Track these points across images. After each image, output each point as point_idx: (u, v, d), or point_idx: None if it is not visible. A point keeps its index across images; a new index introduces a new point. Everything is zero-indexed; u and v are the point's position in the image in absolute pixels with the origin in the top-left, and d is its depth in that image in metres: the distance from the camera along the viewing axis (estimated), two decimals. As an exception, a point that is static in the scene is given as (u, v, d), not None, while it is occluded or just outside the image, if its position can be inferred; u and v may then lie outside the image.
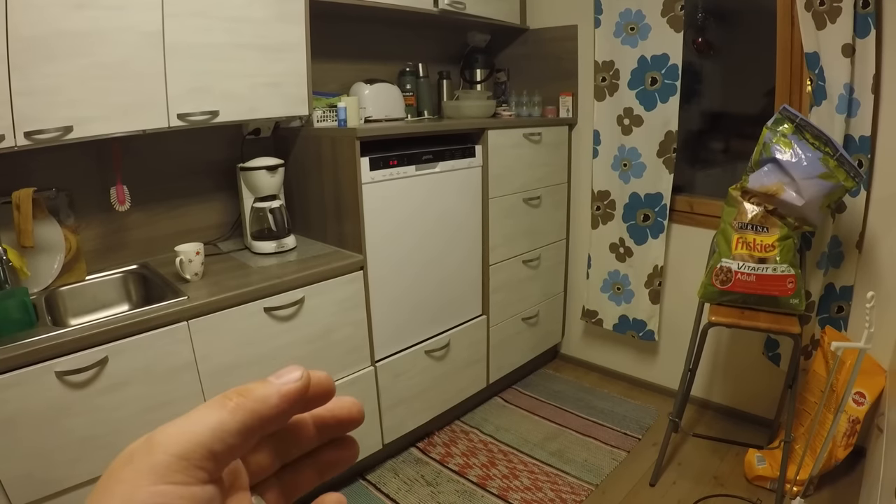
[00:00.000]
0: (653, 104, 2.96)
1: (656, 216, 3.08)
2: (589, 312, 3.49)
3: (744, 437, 2.87)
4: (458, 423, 3.09)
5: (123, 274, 2.25)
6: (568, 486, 2.60)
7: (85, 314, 2.08)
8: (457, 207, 2.81)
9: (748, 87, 3.07)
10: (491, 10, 3.15)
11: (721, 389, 3.14)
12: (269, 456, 0.34)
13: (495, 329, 3.16)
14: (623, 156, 3.13)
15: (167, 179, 2.46)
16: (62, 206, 2.10)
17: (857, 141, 2.41)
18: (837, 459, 2.40)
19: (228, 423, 0.28)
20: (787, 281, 2.28)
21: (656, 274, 3.15)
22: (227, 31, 2.11)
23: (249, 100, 2.23)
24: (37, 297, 1.94)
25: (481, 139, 2.85)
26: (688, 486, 2.58)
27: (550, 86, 3.43)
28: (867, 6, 2.27)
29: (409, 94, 3.13)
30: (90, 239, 2.26)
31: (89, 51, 1.79)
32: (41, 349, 1.61)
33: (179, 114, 2.03)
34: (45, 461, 1.65)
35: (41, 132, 1.72)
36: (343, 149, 2.37)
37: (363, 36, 3.06)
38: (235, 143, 2.62)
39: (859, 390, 2.36)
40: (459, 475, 2.68)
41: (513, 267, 3.19)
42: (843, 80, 2.35)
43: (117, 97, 1.87)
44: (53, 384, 1.64)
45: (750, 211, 2.36)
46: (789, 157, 2.24)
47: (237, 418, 0.28)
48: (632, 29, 2.95)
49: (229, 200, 2.66)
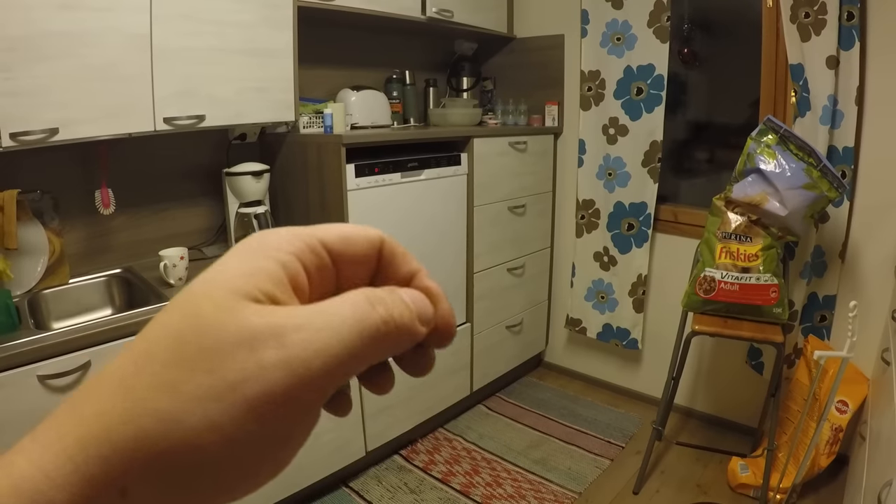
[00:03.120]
0: (638, 114, 2.98)
1: (641, 225, 3.10)
2: (573, 321, 3.50)
3: (727, 446, 2.88)
4: (442, 431, 3.08)
5: (107, 278, 2.22)
6: (551, 493, 2.59)
7: (68, 318, 2.05)
8: (442, 215, 2.81)
9: (733, 97, 3.10)
10: (478, 19, 3.16)
11: (704, 398, 3.16)
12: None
13: (479, 337, 3.15)
14: (608, 165, 3.14)
15: (152, 183, 2.45)
16: (46, 209, 2.08)
17: (841, 152, 2.44)
18: (820, 467, 2.41)
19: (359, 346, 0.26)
20: (771, 290, 2.29)
21: (640, 283, 3.16)
22: (214, 36, 2.10)
23: (236, 104, 2.22)
24: (20, 299, 1.91)
25: (467, 147, 2.86)
26: (671, 494, 2.59)
27: (536, 95, 3.44)
28: (852, 19, 2.30)
29: (395, 101, 3.13)
30: (74, 242, 2.24)
31: (76, 52, 1.77)
32: (23, 352, 1.58)
33: (166, 117, 2.02)
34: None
35: (27, 134, 1.70)
36: (329, 155, 2.37)
37: (350, 42, 3.06)
38: (221, 147, 2.60)
39: (842, 399, 2.37)
40: (443, 483, 2.67)
41: (497, 275, 3.19)
42: (827, 92, 2.38)
43: (104, 99, 1.85)
44: (36, 388, 1.61)
45: (734, 221, 2.38)
46: (773, 167, 2.26)
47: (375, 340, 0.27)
48: (618, 39, 2.97)
49: (214, 205, 2.64)
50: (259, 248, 0.27)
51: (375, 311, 0.26)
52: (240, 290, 0.24)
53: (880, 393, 2.05)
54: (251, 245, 0.27)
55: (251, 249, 0.27)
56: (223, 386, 0.22)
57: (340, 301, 0.26)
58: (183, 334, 0.23)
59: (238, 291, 0.24)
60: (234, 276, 0.25)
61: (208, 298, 0.24)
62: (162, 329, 0.23)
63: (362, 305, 0.26)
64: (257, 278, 0.25)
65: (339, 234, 0.29)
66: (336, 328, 0.25)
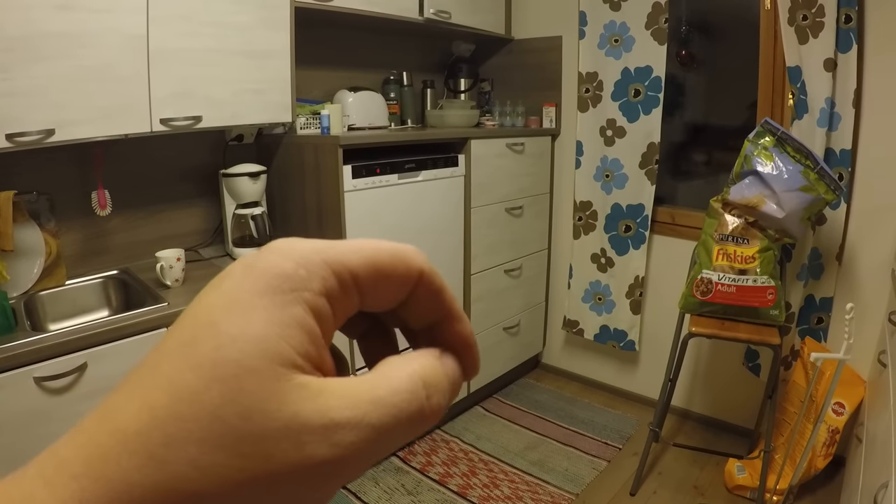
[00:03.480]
0: (636, 116, 2.98)
1: (638, 227, 3.10)
2: (570, 322, 3.49)
3: (724, 447, 2.88)
4: (439, 433, 3.08)
5: (104, 279, 2.22)
6: (548, 495, 2.59)
7: (64, 319, 2.05)
8: (439, 216, 2.81)
9: (730, 99, 3.10)
10: (476, 20, 3.16)
11: (701, 399, 3.16)
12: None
13: (476, 338, 3.13)
14: (605, 167, 3.14)
15: (149, 184, 2.44)
16: (43, 210, 2.08)
17: (838, 154, 2.44)
18: (817, 469, 2.41)
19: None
20: (768, 292, 2.29)
21: (637, 284, 3.17)
22: (211, 37, 2.09)
23: (233, 106, 2.22)
24: (16, 301, 1.91)
25: (464, 148, 2.85)
26: (668, 495, 2.59)
27: (534, 96, 3.45)
28: (849, 21, 2.31)
29: (392, 102, 3.12)
30: (71, 243, 2.24)
31: (73, 53, 1.77)
32: (20, 354, 1.58)
33: (162, 118, 2.01)
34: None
35: (23, 135, 1.70)
36: (326, 156, 2.37)
37: (348, 44, 3.06)
38: (218, 148, 2.60)
39: (839, 400, 2.37)
40: (440, 484, 2.67)
41: (494, 276, 3.19)
42: (824, 94, 2.38)
43: (100, 100, 1.85)
44: (32, 390, 1.61)
45: (731, 223, 2.38)
46: (770, 169, 2.26)
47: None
48: (616, 41, 2.97)
49: (211, 207, 2.64)
50: (284, 282, 0.23)
51: (429, 404, 0.25)
52: (282, 358, 0.22)
53: (877, 395, 2.05)
54: (272, 276, 0.23)
55: (275, 285, 0.23)
56: (262, 477, 0.21)
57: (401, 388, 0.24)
58: (224, 415, 0.21)
59: (279, 359, 0.22)
60: (267, 332, 0.22)
61: (248, 371, 0.21)
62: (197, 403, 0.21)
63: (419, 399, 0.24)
64: (294, 335, 0.22)
65: (371, 263, 0.25)
66: (386, 427, 0.23)
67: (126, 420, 0.21)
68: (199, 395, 0.21)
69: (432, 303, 0.28)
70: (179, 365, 0.21)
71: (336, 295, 0.24)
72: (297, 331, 0.22)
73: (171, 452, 0.20)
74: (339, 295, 0.24)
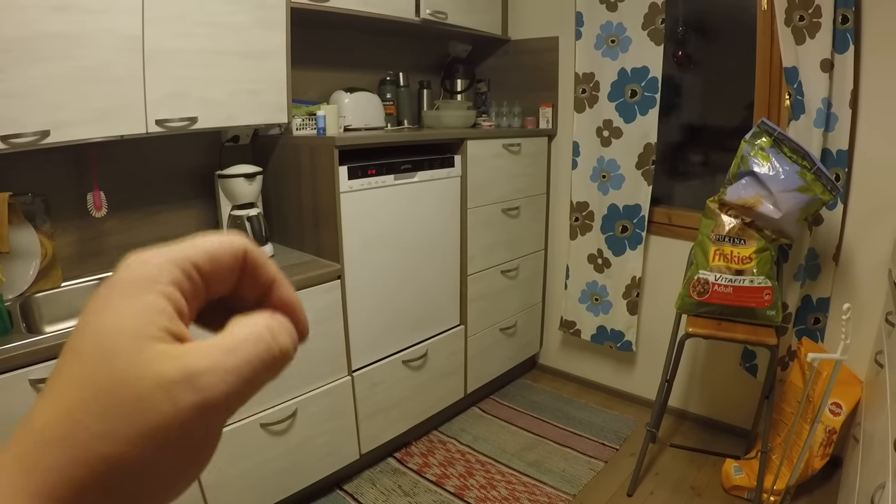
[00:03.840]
0: (632, 116, 2.98)
1: (634, 227, 3.10)
2: (567, 323, 3.49)
3: (721, 448, 2.88)
4: (436, 433, 3.08)
5: (99, 281, 2.21)
6: (545, 496, 2.59)
7: (60, 321, 2.04)
8: (435, 217, 2.80)
9: (727, 100, 3.10)
10: (472, 21, 3.16)
11: (698, 400, 3.16)
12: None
13: (473, 339, 3.15)
14: (602, 167, 3.14)
15: (144, 186, 2.43)
16: (38, 212, 2.07)
17: (835, 155, 2.44)
18: (814, 469, 2.41)
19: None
20: (764, 293, 2.29)
21: (634, 285, 3.16)
22: (206, 37, 2.09)
23: (228, 107, 2.21)
24: (11, 303, 1.90)
25: (461, 149, 2.85)
26: (665, 495, 2.59)
27: (531, 97, 3.44)
28: (846, 22, 2.31)
29: (389, 103, 3.12)
30: (66, 245, 2.23)
31: (70, 54, 1.76)
32: (15, 356, 1.58)
33: (158, 119, 2.01)
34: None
35: (18, 136, 1.69)
36: (322, 157, 2.36)
37: (344, 44, 3.06)
38: (213, 150, 2.59)
39: (836, 401, 2.37)
40: (437, 485, 2.66)
41: (491, 277, 3.19)
42: (821, 95, 2.38)
43: (96, 102, 1.84)
44: (27, 392, 1.60)
45: (727, 223, 2.38)
46: (767, 170, 2.26)
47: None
48: (612, 41, 2.97)
49: (207, 208, 2.63)
50: (139, 281, 0.28)
51: (275, 344, 0.30)
52: (143, 334, 0.27)
53: (874, 395, 2.05)
54: (130, 279, 0.28)
55: (132, 285, 0.28)
56: (148, 430, 0.25)
57: (245, 336, 0.30)
58: (106, 388, 0.25)
59: (142, 335, 0.27)
60: (131, 318, 0.27)
61: (119, 349, 0.26)
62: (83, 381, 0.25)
63: (265, 341, 0.30)
64: (152, 317, 0.27)
65: (206, 252, 0.31)
66: (241, 369, 0.28)
67: (41, 418, 0.25)
68: (89, 378, 0.26)
69: (258, 274, 0.34)
70: (74, 362, 0.26)
71: (183, 282, 0.30)
72: (154, 313, 0.27)
73: (79, 432, 0.25)
74: (185, 282, 0.30)
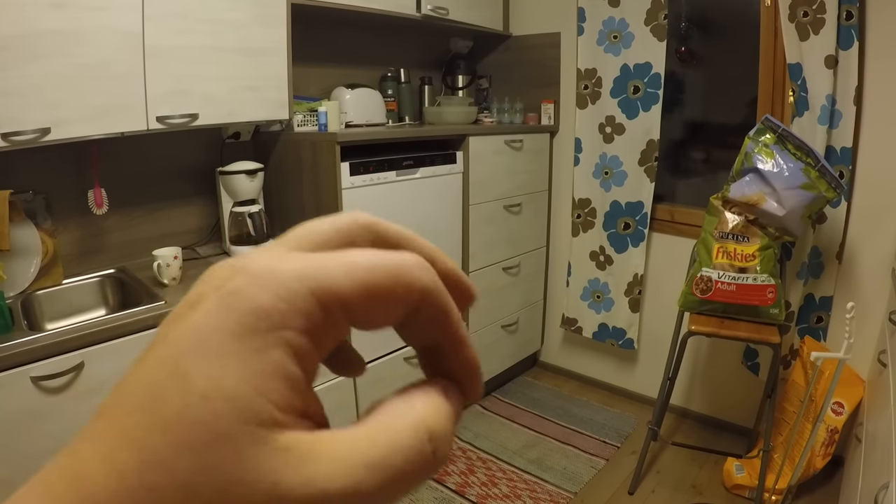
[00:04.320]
0: (635, 113, 2.96)
1: (637, 225, 3.09)
2: (568, 320, 3.49)
3: (722, 446, 2.87)
4: (438, 431, 3.07)
5: (101, 278, 2.21)
6: (547, 493, 2.59)
7: (61, 318, 2.03)
8: (437, 213, 2.79)
9: (731, 96, 3.08)
10: (474, 17, 3.15)
11: (700, 398, 3.15)
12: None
13: (474, 336, 3.14)
14: (604, 164, 3.13)
15: (145, 183, 2.43)
16: (39, 209, 2.06)
17: (839, 152, 2.43)
18: (816, 469, 2.41)
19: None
20: (768, 291, 2.28)
21: (636, 282, 3.16)
22: (207, 34, 2.08)
23: (229, 103, 2.21)
24: (13, 300, 1.90)
25: (462, 145, 2.84)
26: (666, 494, 2.58)
27: (532, 93, 3.43)
28: (850, 18, 2.29)
29: (390, 99, 3.11)
30: (67, 242, 2.22)
31: (69, 51, 1.75)
32: (17, 354, 1.57)
33: (158, 116, 2.00)
34: (21, 467, 1.61)
35: (18, 134, 1.68)
36: (323, 153, 2.35)
37: (345, 40, 3.04)
38: (215, 146, 2.58)
39: (838, 400, 2.37)
40: (437, 482, 2.66)
41: (492, 274, 3.18)
42: (825, 92, 2.37)
43: (96, 99, 1.84)
44: (29, 389, 1.60)
45: (731, 220, 2.37)
46: (771, 167, 2.25)
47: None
48: (615, 37, 2.96)
49: (208, 205, 2.62)
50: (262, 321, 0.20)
51: (434, 458, 0.22)
52: (259, 417, 0.19)
53: (876, 395, 2.04)
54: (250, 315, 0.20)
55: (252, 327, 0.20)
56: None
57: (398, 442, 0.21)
58: (198, 489, 0.18)
59: (257, 419, 0.19)
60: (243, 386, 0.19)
61: (225, 439, 0.18)
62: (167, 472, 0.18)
63: (424, 455, 0.21)
64: (273, 386, 0.20)
65: (364, 287, 0.22)
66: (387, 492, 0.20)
67: (94, 484, 0.18)
68: (169, 464, 0.18)
69: (435, 326, 0.25)
70: (146, 422, 0.19)
71: (322, 328, 0.21)
72: (277, 381, 0.20)
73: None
74: (324, 327, 0.21)
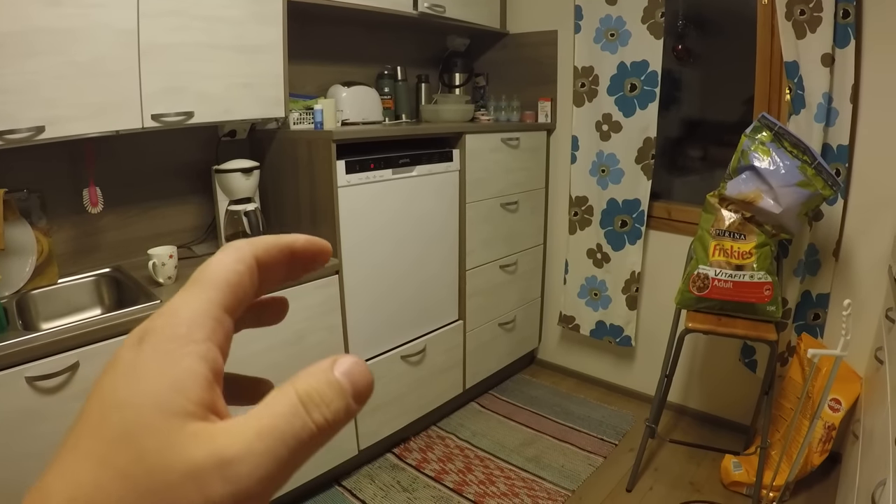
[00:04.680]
0: (632, 110, 2.96)
1: (634, 222, 3.09)
2: (566, 318, 3.49)
3: (720, 443, 2.87)
4: (435, 429, 3.07)
5: (96, 277, 2.20)
6: (544, 491, 2.59)
7: (57, 318, 2.03)
8: (434, 212, 2.79)
9: (727, 94, 3.08)
10: (471, 14, 3.14)
11: (697, 395, 3.15)
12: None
13: (472, 334, 3.14)
14: (601, 162, 3.13)
15: (141, 181, 2.42)
16: (34, 208, 2.06)
17: (835, 150, 2.43)
18: (813, 465, 2.41)
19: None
20: (764, 288, 2.28)
21: (633, 280, 3.16)
22: (202, 31, 2.07)
23: (225, 101, 2.20)
24: (8, 300, 1.89)
25: (459, 143, 2.84)
26: (664, 491, 2.58)
27: (529, 91, 3.43)
28: (847, 16, 2.29)
29: (386, 97, 3.10)
30: (62, 241, 2.21)
31: (64, 49, 1.74)
32: (12, 354, 1.56)
33: (154, 114, 1.99)
34: (16, 468, 1.61)
35: (13, 132, 1.68)
36: (319, 151, 2.35)
37: (341, 38, 3.04)
38: (210, 144, 2.58)
39: (835, 397, 2.37)
40: (436, 481, 2.66)
41: (490, 272, 3.18)
42: (822, 90, 2.37)
43: (91, 97, 1.83)
44: (24, 390, 1.60)
45: (727, 218, 2.37)
46: (767, 164, 2.25)
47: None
48: (612, 35, 2.95)
49: (204, 203, 2.62)
50: (172, 341, 0.26)
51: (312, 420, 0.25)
52: (175, 410, 0.24)
53: (873, 391, 2.04)
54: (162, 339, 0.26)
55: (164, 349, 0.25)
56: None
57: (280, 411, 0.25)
58: (133, 473, 0.22)
59: (173, 412, 0.24)
60: (162, 391, 0.24)
61: (146, 428, 0.23)
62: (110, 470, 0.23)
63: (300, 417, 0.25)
64: (186, 387, 0.24)
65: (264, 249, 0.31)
66: (275, 452, 0.24)
67: (57, 495, 0.22)
68: (111, 460, 0.23)
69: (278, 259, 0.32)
70: (94, 436, 0.23)
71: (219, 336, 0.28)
72: (189, 383, 0.25)
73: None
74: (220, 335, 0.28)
